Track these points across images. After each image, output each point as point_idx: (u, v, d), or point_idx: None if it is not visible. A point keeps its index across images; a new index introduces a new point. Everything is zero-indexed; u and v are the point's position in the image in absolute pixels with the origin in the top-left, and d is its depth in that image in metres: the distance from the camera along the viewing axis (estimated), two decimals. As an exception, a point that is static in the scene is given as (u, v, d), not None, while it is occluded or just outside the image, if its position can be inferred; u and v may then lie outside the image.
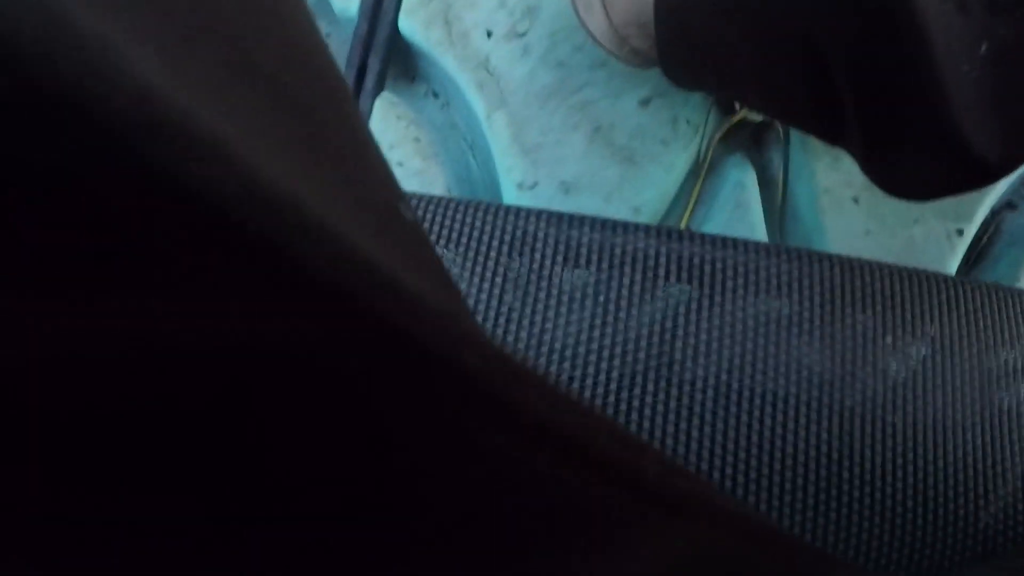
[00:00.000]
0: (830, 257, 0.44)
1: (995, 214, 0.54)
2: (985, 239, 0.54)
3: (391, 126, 0.52)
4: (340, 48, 0.57)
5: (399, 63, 0.55)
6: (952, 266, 0.51)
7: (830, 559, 0.33)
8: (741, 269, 0.42)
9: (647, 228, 0.42)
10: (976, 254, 0.54)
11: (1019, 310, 0.46)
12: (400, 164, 0.51)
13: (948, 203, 0.52)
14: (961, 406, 0.42)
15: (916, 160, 0.36)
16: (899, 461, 0.40)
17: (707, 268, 0.41)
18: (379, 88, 0.53)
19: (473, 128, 0.50)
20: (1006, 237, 0.54)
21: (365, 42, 0.54)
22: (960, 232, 0.50)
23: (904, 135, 0.36)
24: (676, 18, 0.41)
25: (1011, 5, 0.33)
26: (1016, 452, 0.42)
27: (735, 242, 0.43)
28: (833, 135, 0.40)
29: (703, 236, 0.43)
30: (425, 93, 0.54)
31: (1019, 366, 0.44)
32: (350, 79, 0.53)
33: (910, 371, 0.43)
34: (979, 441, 0.42)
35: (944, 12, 0.33)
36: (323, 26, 0.58)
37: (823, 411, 0.40)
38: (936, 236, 0.50)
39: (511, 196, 0.48)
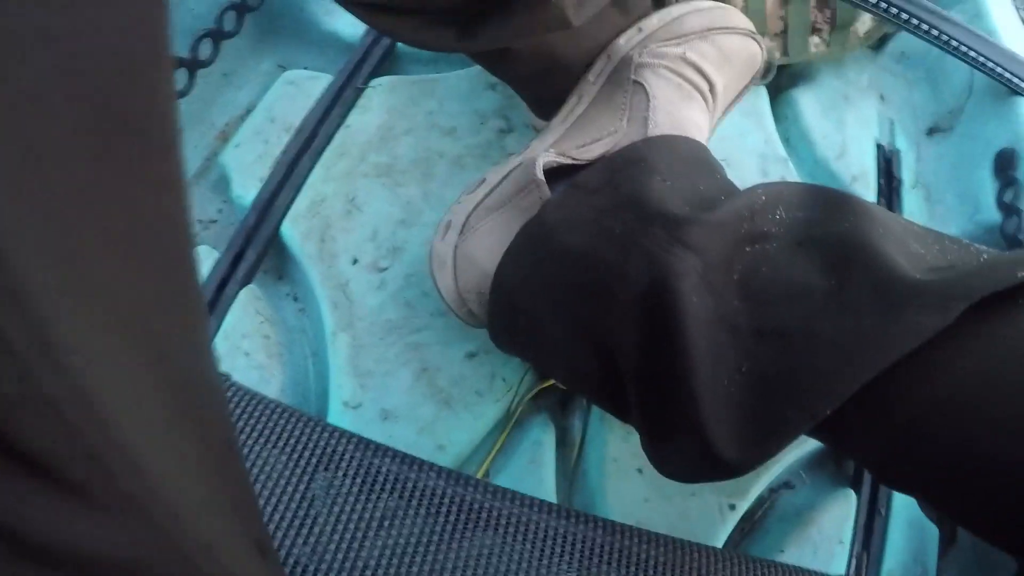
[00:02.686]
0: (605, 521, 0.49)
1: (772, 491, 0.61)
2: (760, 513, 0.61)
3: (248, 317, 0.56)
4: (224, 231, 0.62)
5: (272, 260, 0.60)
6: (721, 537, 0.57)
7: None
8: (515, 518, 0.47)
9: (439, 469, 0.47)
10: (750, 526, 0.61)
11: None
12: (247, 355, 0.55)
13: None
14: None
15: (678, 452, 0.43)
16: None
17: (483, 511, 0.46)
18: (248, 279, 0.58)
19: (319, 340, 0.55)
20: (778, 513, 0.61)
21: (248, 233, 0.59)
22: (732, 507, 0.57)
23: (670, 431, 0.42)
24: (507, 298, 0.48)
25: (771, 334, 0.40)
26: None
27: (513, 495, 0.48)
28: (623, 416, 0.47)
29: (487, 485, 0.48)
30: (287, 294, 0.59)
31: None
32: (226, 263, 0.58)
33: None
34: None
35: (713, 332, 0.40)
36: (215, 206, 0.63)
37: None
38: (709, 509, 0.57)
39: (336, 411, 0.52)
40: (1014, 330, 0.35)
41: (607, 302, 0.43)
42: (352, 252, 0.57)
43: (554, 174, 0.51)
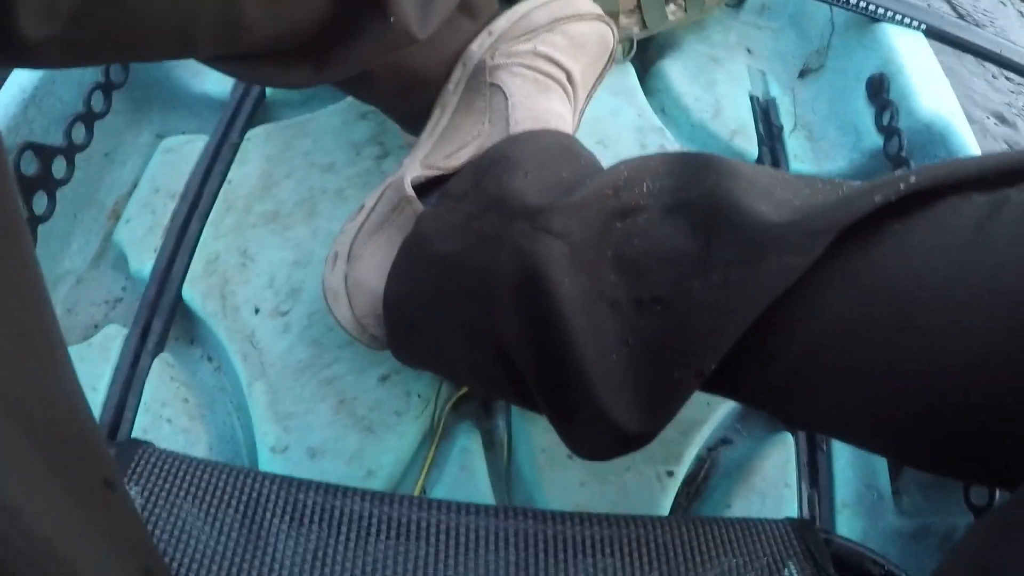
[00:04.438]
0: (546, 513, 0.50)
1: (711, 450, 0.63)
2: (702, 475, 0.63)
3: (165, 385, 0.57)
4: (131, 306, 0.62)
5: (182, 326, 0.61)
6: (665, 506, 0.58)
7: None
8: (458, 529, 0.48)
9: (363, 493, 0.48)
10: (695, 489, 0.62)
11: (721, 540, 0.53)
12: (169, 421, 0.56)
13: (656, 447, 0.60)
14: None
15: (586, 432, 0.44)
16: None
17: (417, 529, 0.47)
18: (159, 348, 0.59)
19: (238, 393, 0.56)
20: (720, 470, 0.63)
21: (152, 304, 0.60)
22: (670, 473, 0.58)
23: (573, 413, 0.44)
24: (399, 315, 0.49)
25: (650, 303, 0.41)
26: None
27: (449, 505, 0.49)
28: (535, 408, 0.48)
29: (416, 500, 0.49)
30: (201, 356, 0.60)
31: None
32: (135, 337, 0.59)
33: None
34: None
35: (595, 312, 0.41)
36: (119, 284, 0.64)
37: None
38: (648, 480, 0.58)
39: (265, 458, 0.53)
40: (882, 257, 0.36)
41: (488, 302, 0.44)
42: (253, 302, 0.58)
43: (426, 187, 0.52)
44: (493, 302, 0.44)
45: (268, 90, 0.69)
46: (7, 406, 0.20)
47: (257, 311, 0.57)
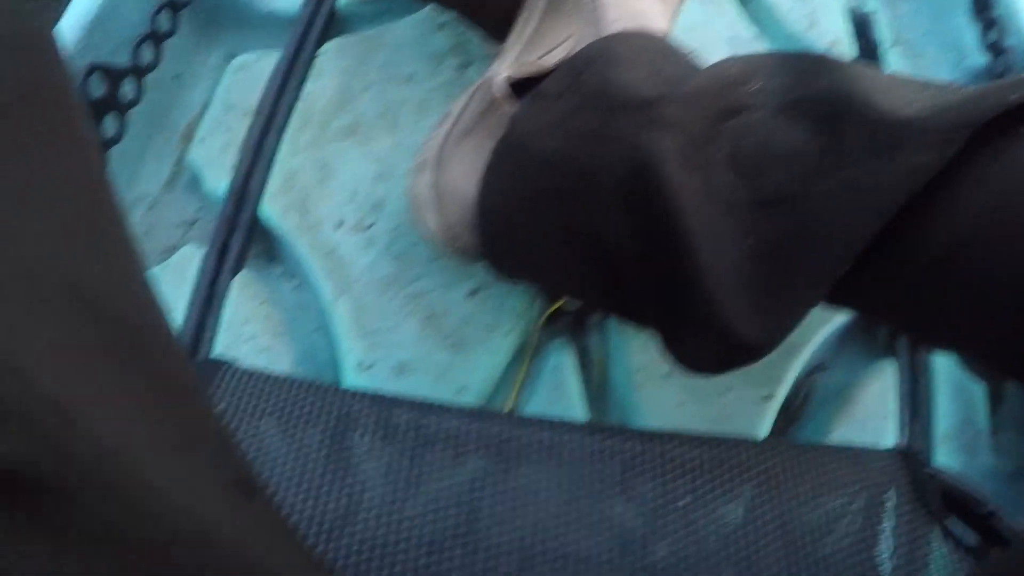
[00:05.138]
0: (643, 431, 0.48)
1: (808, 376, 0.60)
2: (799, 401, 0.60)
3: (245, 304, 0.55)
4: (207, 227, 0.61)
5: (260, 244, 0.59)
6: (762, 430, 0.55)
7: None
8: (552, 446, 0.46)
9: (457, 409, 0.46)
10: (792, 415, 0.59)
11: (823, 467, 0.50)
12: (250, 340, 0.54)
13: (756, 370, 0.57)
14: (775, 562, 0.46)
15: (697, 343, 0.41)
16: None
17: (510, 445, 0.45)
18: (238, 267, 0.57)
19: (321, 310, 0.54)
20: (818, 396, 0.60)
21: (229, 223, 0.58)
22: (768, 397, 0.55)
23: (684, 322, 0.41)
24: (494, 221, 0.47)
25: (771, 203, 0.38)
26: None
27: (540, 420, 0.47)
28: (636, 319, 0.45)
29: (508, 415, 0.47)
30: (281, 274, 0.58)
31: (825, 521, 0.48)
32: (213, 257, 0.57)
33: (721, 533, 0.46)
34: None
35: (711, 212, 0.39)
36: (194, 206, 0.62)
37: (625, 569, 0.42)
38: (746, 403, 0.55)
39: (350, 376, 0.51)
40: (1017, 160, 0.33)
41: (592, 202, 0.41)
42: (335, 217, 0.56)
43: (518, 90, 0.49)
44: (595, 201, 0.41)
45: (339, 3, 0.66)
46: (75, 296, 0.18)
47: (340, 225, 0.55)
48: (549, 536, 0.42)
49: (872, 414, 0.58)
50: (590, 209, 0.42)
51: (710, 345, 0.40)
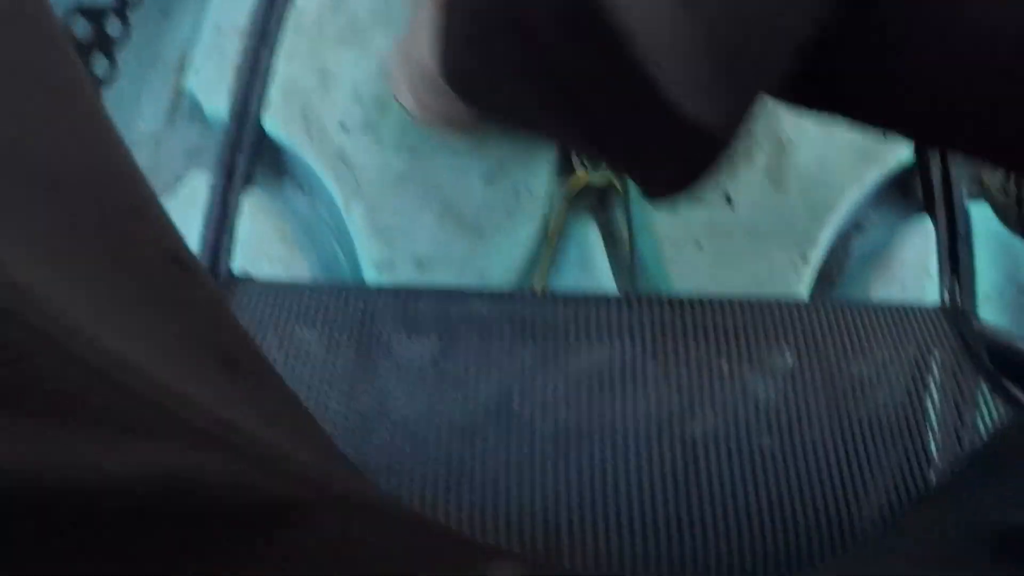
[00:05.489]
0: (673, 299, 0.46)
1: (843, 238, 0.58)
2: (836, 262, 0.58)
3: (258, 220, 0.54)
4: (212, 151, 0.59)
5: (266, 159, 0.57)
6: (801, 294, 0.54)
7: (488, 550, 0.34)
8: (582, 321, 0.45)
9: (481, 293, 0.44)
10: (831, 277, 0.57)
11: (866, 325, 0.49)
12: (268, 253, 0.53)
13: (790, 233, 0.55)
14: (818, 421, 0.44)
15: (652, 145, 0.37)
16: (760, 479, 0.41)
17: (540, 324, 0.44)
18: (247, 184, 0.56)
19: (335, 216, 0.53)
20: (856, 257, 0.58)
21: (233, 142, 0.57)
22: (804, 258, 0.53)
23: (639, 130, 0.37)
24: (457, 72, 0.44)
25: None
26: (874, 460, 0.43)
27: (573, 297, 0.45)
28: (601, 149, 0.42)
29: (536, 294, 0.45)
30: (292, 186, 0.56)
31: (871, 378, 0.47)
32: (221, 178, 0.56)
33: (767, 394, 0.45)
34: (840, 453, 0.43)
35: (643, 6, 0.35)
36: (196, 132, 0.61)
37: (665, 442, 0.41)
38: (781, 266, 0.53)
39: (371, 276, 0.50)
40: None
41: (532, 27, 0.39)
42: (339, 120, 0.54)
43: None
44: (537, 25, 0.38)
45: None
46: (51, 181, 0.17)
47: (344, 128, 0.54)
48: (584, 415, 0.41)
49: (912, 273, 0.56)
50: (532, 35, 0.39)
51: (665, 143, 0.37)
